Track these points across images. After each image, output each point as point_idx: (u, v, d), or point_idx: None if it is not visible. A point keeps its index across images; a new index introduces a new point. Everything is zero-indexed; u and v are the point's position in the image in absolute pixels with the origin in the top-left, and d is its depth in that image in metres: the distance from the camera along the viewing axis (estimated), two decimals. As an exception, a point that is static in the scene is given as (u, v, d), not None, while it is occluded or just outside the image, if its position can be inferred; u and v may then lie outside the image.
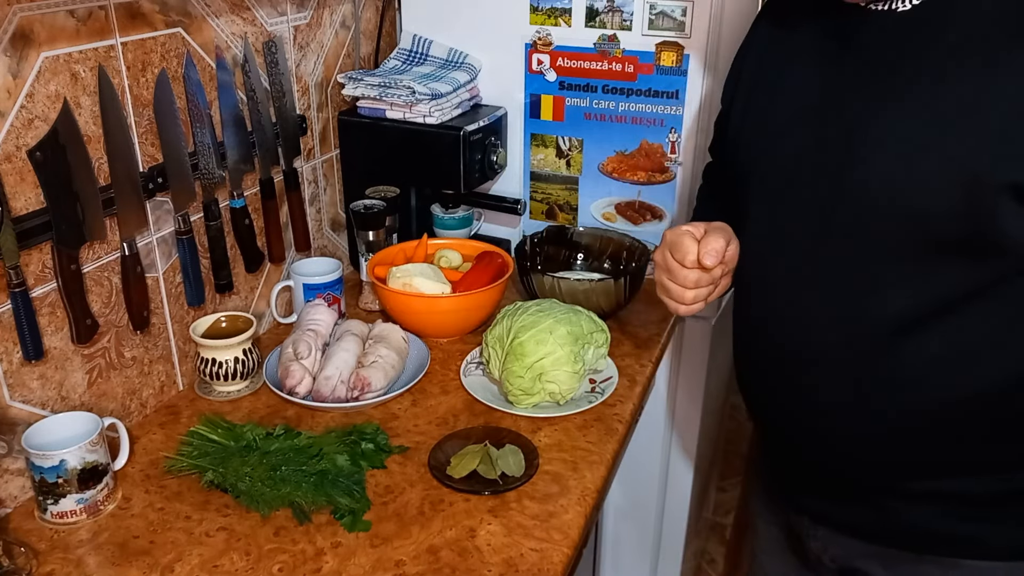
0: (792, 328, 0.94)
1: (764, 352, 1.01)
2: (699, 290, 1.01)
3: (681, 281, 1.01)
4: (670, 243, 1.02)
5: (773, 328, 0.98)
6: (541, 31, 1.60)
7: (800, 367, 0.95)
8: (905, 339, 0.86)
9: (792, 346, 0.95)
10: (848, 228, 0.87)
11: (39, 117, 1.01)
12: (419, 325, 1.42)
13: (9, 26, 0.95)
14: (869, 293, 0.87)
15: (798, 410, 0.97)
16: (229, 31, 1.30)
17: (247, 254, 1.40)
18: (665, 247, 1.03)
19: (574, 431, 1.21)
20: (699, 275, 0.99)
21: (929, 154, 0.80)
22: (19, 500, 1.07)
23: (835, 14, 0.89)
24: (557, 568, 0.97)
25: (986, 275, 0.82)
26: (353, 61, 1.67)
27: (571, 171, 1.70)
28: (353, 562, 0.97)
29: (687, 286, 1.01)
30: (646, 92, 1.57)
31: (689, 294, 1.01)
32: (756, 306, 1.01)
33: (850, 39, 0.88)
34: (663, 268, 1.04)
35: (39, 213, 1.02)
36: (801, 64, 0.94)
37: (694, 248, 0.98)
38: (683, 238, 0.99)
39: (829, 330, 0.91)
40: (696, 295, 1.02)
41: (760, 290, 1.00)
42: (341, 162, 1.65)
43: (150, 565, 0.97)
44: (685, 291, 1.02)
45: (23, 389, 1.05)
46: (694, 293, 1.01)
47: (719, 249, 0.97)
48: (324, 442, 1.14)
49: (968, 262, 0.82)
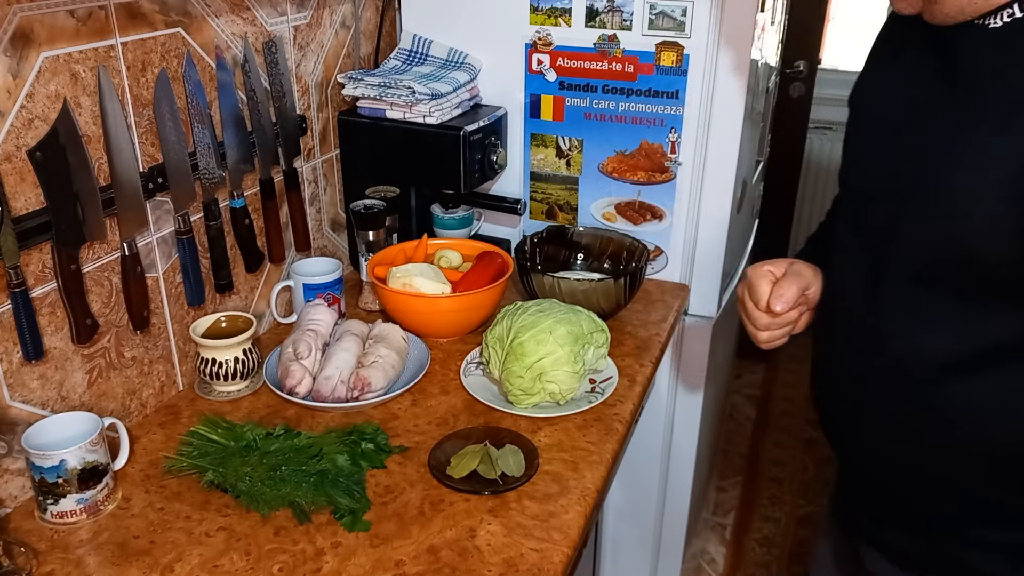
0: (855, 353, 0.95)
1: (832, 374, 1.01)
2: (772, 331, 1.04)
3: (754, 322, 1.04)
4: (750, 282, 1.04)
5: (840, 351, 0.98)
6: (541, 31, 1.60)
7: (862, 392, 0.95)
8: (955, 378, 0.85)
9: (856, 370, 0.96)
10: (904, 255, 0.87)
11: (39, 117, 1.01)
12: (419, 325, 1.42)
13: (9, 26, 0.95)
14: (922, 327, 0.87)
15: (861, 433, 0.98)
16: (229, 31, 1.30)
17: (247, 254, 1.40)
18: (745, 285, 1.05)
19: (574, 431, 1.21)
20: (770, 320, 1.02)
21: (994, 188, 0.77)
22: (19, 500, 1.07)
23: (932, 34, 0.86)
24: (557, 568, 0.97)
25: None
26: (353, 61, 1.67)
27: (571, 171, 1.70)
28: (353, 562, 0.97)
29: (758, 327, 1.04)
30: (646, 92, 1.57)
31: (762, 336, 1.05)
32: (829, 327, 1.01)
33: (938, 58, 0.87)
34: (742, 305, 1.07)
35: (39, 213, 1.02)
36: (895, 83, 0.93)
37: (766, 293, 1.00)
38: (760, 281, 1.02)
39: (885, 359, 0.91)
40: (770, 336, 1.05)
41: (832, 313, 1.01)
42: (341, 162, 1.65)
43: (150, 565, 0.97)
44: (757, 331, 1.05)
45: (23, 389, 1.05)
46: (767, 335, 1.05)
47: (789, 298, 0.98)
48: (324, 442, 1.14)
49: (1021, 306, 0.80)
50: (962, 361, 0.84)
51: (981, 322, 0.83)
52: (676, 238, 1.68)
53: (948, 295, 0.84)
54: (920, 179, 0.85)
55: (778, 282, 1.00)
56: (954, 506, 0.92)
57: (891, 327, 0.89)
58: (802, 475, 2.69)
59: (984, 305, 0.82)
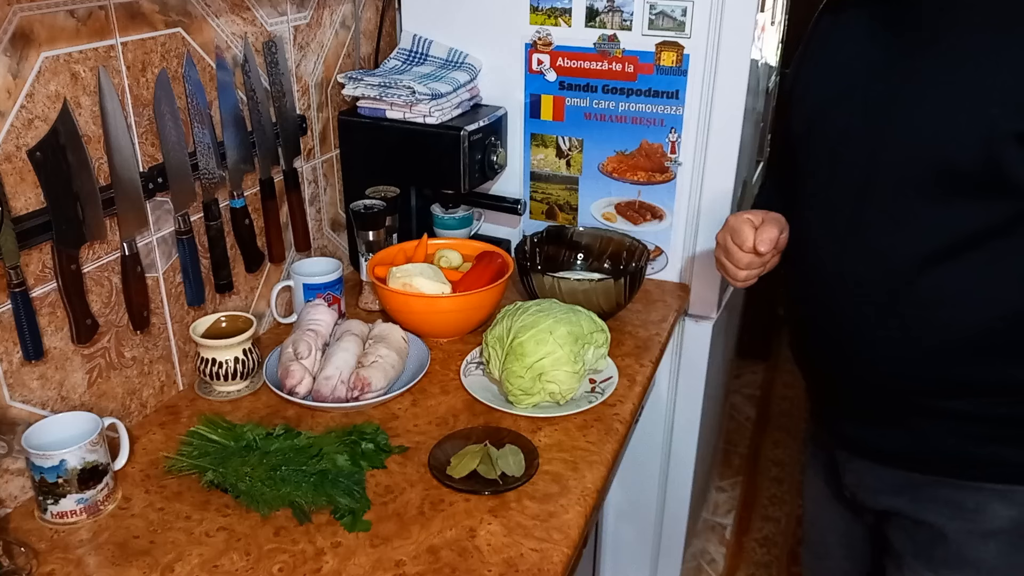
0: (838, 266, 1.08)
1: (812, 296, 1.15)
2: (751, 270, 1.17)
3: (736, 262, 1.17)
4: (731, 228, 1.16)
5: (822, 270, 1.11)
6: (541, 31, 1.60)
7: (843, 300, 1.09)
8: (935, 268, 0.99)
9: (837, 284, 1.09)
10: (887, 177, 1.02)
11: (39, 117, 1.01)
12: (419, 325, 1.42)
13: (9, 26, 0.95)
14: (903, 229, 1.01)
15: (841, 340, 1.11)
16: (229, 31, 1.30)
17: (247, 254, 1.40)
18: (726, 230, 1.18)
19: (574, 431, 1.21)
20: (752, 258, 1.15)
21: (956, 112, 0.95)
22: (19, 500, 1.07)
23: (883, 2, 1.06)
24: (557, 568, 0.97)
25: (1004, 214, 0.95)
26: (353, 61, 1.67)
27: (571, 171, 1.70)
28: (353, 562, 0.97)
29: (740, 267, 1.17)
30: (646, 92, 1.57)
31: (742, 273, 1.18)
32: (810, 254, 1.13)
33: (892, 21, 1.04)
34: (722, 248, 1.19)
35: (39, 213, 1.02)
36: (852, 43, 1.09)
37: (751, 236, 1.13)
38: (743, 225, 1.14)
39: (869, 264, 1.04)
40: (748, 274, 1.18)
41: (812, 240, 1.13)
42: (341, 162, 1.65)
43: (150, 565, 0.97)
44: (739, 270, 1.17)
45: (23, 389, 1.05)
46: (746, 273, 1.18)
47: (772, 238, 1.11)
48: (324, 442, 1.14)
49: (987, 203, 0.95)
50: (939, 251, 0.99)
51: (956, 218, 0.98)
52: (676, 238, 1.68)
53: (925, 199, 0.99)
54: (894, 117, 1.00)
55: (760, 227, 1.13)
56: (928, 382, 1.04)
57: (875, 233, 1.03)
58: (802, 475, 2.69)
59: (956, 204, 0.97)
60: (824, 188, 1.11)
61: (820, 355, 1.18)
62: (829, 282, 1.10)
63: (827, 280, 1.11)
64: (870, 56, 1.06)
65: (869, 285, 1.05)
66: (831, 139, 1.09)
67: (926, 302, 1.01)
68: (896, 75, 1.02)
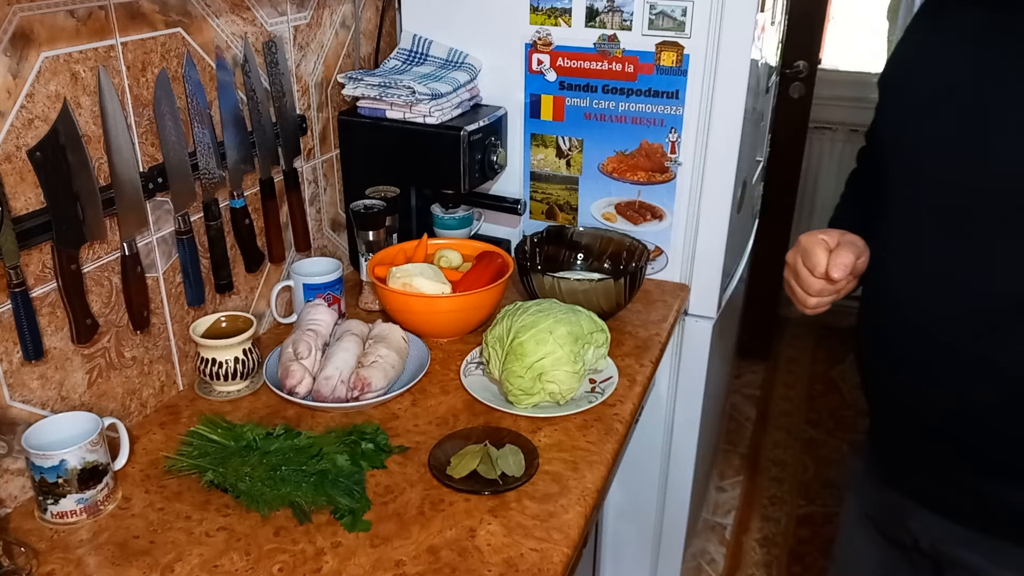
0: (924, 300, 0.97)
1: (892, 326, 1.02)
2: (822, 297, 1.06)
3: (806, 288, 1.05)
4: (803, 249, 1.05)
5: (905, 301, 1.00)
6: (541, 31, 1.60)
7: (928, 338, 0.97)
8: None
9: (921, 319, 0.97)
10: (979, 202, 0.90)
11: (39, 117, 1.01)
12: (419, 325, 1.42)
13: (9, 26, 0.95)
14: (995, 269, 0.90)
15: (923, 381, 0.99)
16: (229, 31, 1.30)
17: (247, 254, 1.40)
18: (797, 251, 1.06)
19: (574, 431, 1.21)
20: (824, 285, 1.03)
21: None
22: (19, 500, 1.07)
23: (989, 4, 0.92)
24: (557, 568, 0.97)
25: None
26: (353, 61, 1.67)
27: (571, 171, 1.70)
28: (353, 562, 0.97)
29: (811, 293, 1.05)
30: (646, 92, 1.57)
31: (812, 300, 1.06)
32: (892, 279, 1.02)
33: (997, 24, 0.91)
34: (792, 271, 1.07)
35: (39, 213, 1.02)
36: (952, 47, 0.96)
37: (824, 260, 1.01)
38: (816, 247, 1.02)
39: (958, 302, 0.93)
40: (819, 301, 1.06)
41: (895, 264, 1.02)
42: (341, 162, 1.65)
43: (150, 565, 0.97)
44: (808, 296, 1.06)
45: (23, 389, 1.05)
46: (816, 300, 1.06)
47: (848, 264, 0.99)
48: (324, 442, 1.14)
49: None
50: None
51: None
52: (676, 238, 1.68)
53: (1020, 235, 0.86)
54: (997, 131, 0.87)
55: (835, 250, 1.01)
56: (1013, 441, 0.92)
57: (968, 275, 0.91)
58: (802, 475, 2.69)
59: None
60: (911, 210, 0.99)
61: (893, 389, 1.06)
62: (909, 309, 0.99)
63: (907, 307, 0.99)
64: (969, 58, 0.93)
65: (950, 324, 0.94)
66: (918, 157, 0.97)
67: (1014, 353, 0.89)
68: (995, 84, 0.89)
